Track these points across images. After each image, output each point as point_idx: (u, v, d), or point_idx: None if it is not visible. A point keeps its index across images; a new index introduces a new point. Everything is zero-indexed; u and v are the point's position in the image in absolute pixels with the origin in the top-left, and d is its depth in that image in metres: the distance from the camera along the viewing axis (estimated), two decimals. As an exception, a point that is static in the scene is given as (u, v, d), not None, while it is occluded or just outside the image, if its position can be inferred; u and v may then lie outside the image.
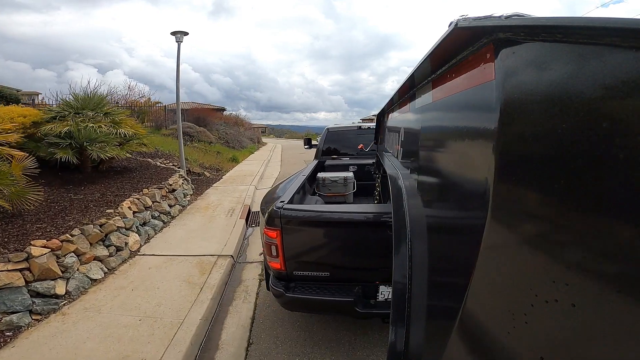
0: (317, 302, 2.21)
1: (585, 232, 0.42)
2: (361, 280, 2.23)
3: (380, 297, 2.18)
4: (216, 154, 12.34)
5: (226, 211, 5.65)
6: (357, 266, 2.27)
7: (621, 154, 0.36)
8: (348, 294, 2.15)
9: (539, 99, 0.50)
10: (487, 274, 0.63)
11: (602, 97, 0.39)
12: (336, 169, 4.98)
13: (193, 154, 10.42)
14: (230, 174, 9.79)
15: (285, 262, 2.20)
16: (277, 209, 2.16)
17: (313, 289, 2.22)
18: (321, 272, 2.23)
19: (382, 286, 2.17)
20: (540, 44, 0.50)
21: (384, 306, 2.14)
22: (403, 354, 1.04)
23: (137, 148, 6.59)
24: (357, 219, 2.16)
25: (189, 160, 9.45)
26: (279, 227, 2.14)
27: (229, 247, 4.19)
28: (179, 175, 6.49)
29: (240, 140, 19.24)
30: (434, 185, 1.19)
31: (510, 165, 0.57)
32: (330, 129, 5.68)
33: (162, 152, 9.16)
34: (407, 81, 1.59)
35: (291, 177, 3.70)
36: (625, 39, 0.36)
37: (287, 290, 2.21)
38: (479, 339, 0.69)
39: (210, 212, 5.65)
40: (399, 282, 1.18)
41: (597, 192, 0.40)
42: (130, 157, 7.37)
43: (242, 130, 23.49)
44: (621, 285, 0.38)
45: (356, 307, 2.11)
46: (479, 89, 0.72)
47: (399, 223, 1.39)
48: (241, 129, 24.23)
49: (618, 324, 0.38)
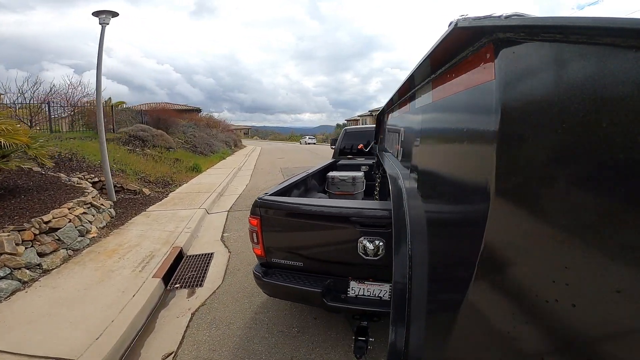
0: (288, 290, 2.28)
1: (585, 232, 0.43)
2: (333, 274, 2.24)
3: (351, 293, 2.17)
4: (173, 162, 10.25)
5: (139, 260, 3.66)
6: (328, 259, 2.30)
7: (621, 154, 0.37)
8: (317, 285, 2.18)
9: (539, 98, 0.51)
10: (488, 274, 0.62)
11: (602, 96, 0.39)
12: (348, 168, 4.96)
13: (137, 164, 8.32)
14: (181, 189, 7.75)
15: (265, 249, 2.33)
16: (258, 199, 2.30)
17: (287, 276, 2.30)
18: (296, 262, 2.31)
19: (353, 282, 2.18)
20: (540, 44, 0.51)
21: (354, 302, 2.14)
22: (403, 354, 1.02)
23: (16, 164, 4.51)
24: (327, 212, 2.17)
25: (126, 173, 7.36)
26: (259, 215, 2.27)
27: (102, 343, 2.24)
28: (81, 201, 4.44)
29: (212, 144, 17.11)
30: (434, 185, 1.19)
31: (511, 165, 0.57)
32: (348, 129, 5.96)
33: (91, 162, 7.04)
34: (407, 81, 1.62)
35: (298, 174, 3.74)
36: (625, 39, 0.36)
37: (264, 276, 2.31)
38: (479, 338, 0.69)
39: (114, 260, 3.64)
40: (399, 282, 1.17)
41: (597, 191, 0.40)
42: (34, 171, 5.29)
43: (216, 133, 21.33)
44: (621, 285, 0.38)
45: (324, 299, 2.13)
46: (479, 89, 0.72)
47: (399, 223, 1.39)
48: (214, 130, 22.06)
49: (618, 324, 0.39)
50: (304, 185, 3.65)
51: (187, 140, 15.65)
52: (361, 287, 2.14)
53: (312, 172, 3.97)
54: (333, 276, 2.23)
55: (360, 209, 2.14)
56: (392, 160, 2.62)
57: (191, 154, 13.40)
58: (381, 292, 2.09)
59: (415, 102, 1.63)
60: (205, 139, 17.07)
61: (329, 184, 4.30)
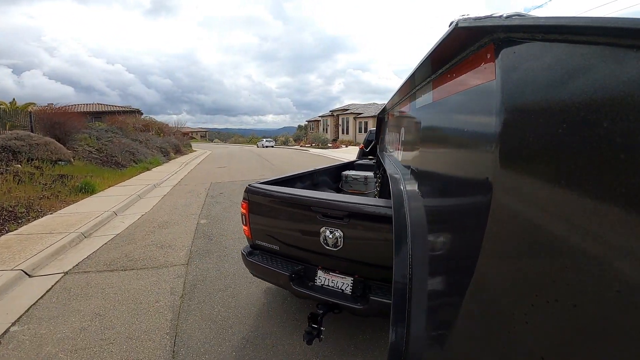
0: (263, 270, 2.44)
1: (585, 232, 0.42)
2: (305, 261, 2.34)
3: (318, 282, 2.23)
4: (51, 181, 7.56)
5: None
6: (298, 246, 2.37)
7: (622, 154, 0.37)
8: (287, 269, 2.30)
9: (539, 98, 0.51)
10: (488, 274, 0.63)
11: (602, 96, 0.39)
12: (365, 168, 5.01)
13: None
14: (30, 226, 5.20)
15: (251, 231, 2.56)
16: (248, 186, 2.53)
17: (266, 258, 2.48)
18: (273, 245, 2.47)
19: (320, 272, 2.24)
20: (540, 43, 0.51)
21: (320, 291, 2.18)
22: (403, 354, 1.02)
23: None
24: (295, 200, 2.26)
25: None
26: (247, 200, 2.50)
27: None
28: None
29: (138, 151, 14.25)
30: (434, 185, 1.19)
31: (511, 165, 0.57)
32: (373, 131, 5.96)
33: None
34: (407, 81, 1.64)
35: None
36: (626, 39, 0.37)
37: (248, 256, 2.54)
38: (479, 338, 0.69)
39: None
40: (399, 282, 1.17)
41: (597, 191, 0.40)
42: None
43: (149, 138, 18.33)
44: (621, 285, 0.38)
45: (291, 283, 2.22)
46: (479, 89, 0.73)
47: (400, 223, 1.38)
48: (148, 135, 19.04)
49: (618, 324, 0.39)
50: (309, 179, 3.85)
51: (101, 148, 12.72)
52: (327, 277, 2.21)
53: (320, 169, 4.17)
54: (305, 263, 2.34)
55: (319, 199, 2.15)
56: (392, 160, 2.67)
57: (97, 166, 10.58)
58: (343, 285, 2.13)
59: (416, 102, 1.65)
60: (129, 146, 14.18)
61: (343, 182, 4.50)
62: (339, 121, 39.38)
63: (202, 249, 4.34)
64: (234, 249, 4.28)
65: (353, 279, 2.10)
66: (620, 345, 0.39)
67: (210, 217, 5.89)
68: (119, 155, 12.65)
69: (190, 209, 6.53)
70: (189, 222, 5.64)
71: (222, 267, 3.75)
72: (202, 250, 4.31)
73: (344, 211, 2.00)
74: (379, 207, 1.92)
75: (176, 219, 5.87)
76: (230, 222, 5.54)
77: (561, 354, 0.47)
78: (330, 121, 42.27)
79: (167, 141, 20.18)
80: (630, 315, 0.37)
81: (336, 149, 27.71)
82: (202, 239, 4.75)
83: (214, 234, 4.95)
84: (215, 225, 5.40)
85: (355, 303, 2.00)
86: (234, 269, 3.69)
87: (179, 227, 5.37)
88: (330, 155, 21.10)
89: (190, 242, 4.64)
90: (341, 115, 39.07)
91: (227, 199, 7.36)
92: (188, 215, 6.05)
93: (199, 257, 4.06)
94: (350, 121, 36.68)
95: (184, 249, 4.37)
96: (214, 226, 5.33)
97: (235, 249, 4.27)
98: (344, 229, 2.00)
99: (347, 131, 37.59)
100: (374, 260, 2.02)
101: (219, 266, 3.78)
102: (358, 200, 2.10)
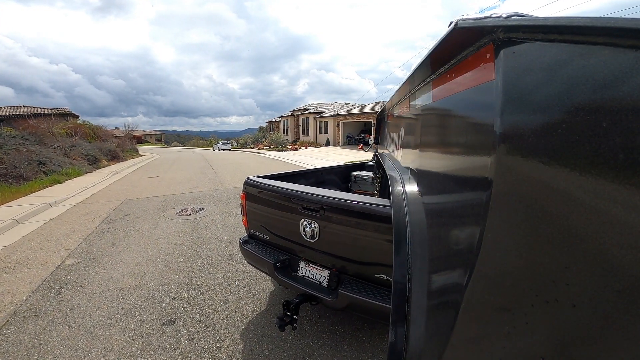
0: (253, 257, 2.64)
1: (585, 232, 0.42)
2: (290, 252, 2.48)
3: (300, 273, 2.35)
4: None
5: None
6: (283, 236, 2.49)
7: (621, 154, 0.37)
8: (272, 258, 2.46)
9: (539, 98, 0.50)
10: (487, 274, 0.63)
11: (602, 96, 0.39)
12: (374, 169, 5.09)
13: None
14: None
15: (248, 221, 2.79)
16: (247, 179, 2.77)
17: (256, 246, 2.69)
18: (264, 235, 2.67)
19: (303, 263, 2.35)
20: (540, 43, 0.51)
21: (301, 282, 2.29)
22: (403, 354, 1.01)
23: None
24: (279, 192, 2.38)
25: None
26: (245, 191, 2.75)
27: None
28: None
29: (52, 161, 12.28)
30: (434, 185, 1.19)
31: (511, 165, 0.57)
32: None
33: None
34: (407, 81, 1.63)
35: None
36: (625, 39, 0.37)
37: (244, 244, 2.77)
38: (479, 339, 0.69)
39: None
40: (399, 282, 1.16)
41: (597, 191, 0.40)
42: None
43: (78, 143, 16.19)
44: (621, 285, 0.38)
45: (275, 272, 2.37)
46: (479, 89, 0.73)
47: (400, 223, 1.38)
48: (75, 139, 16.87)
49: (618, 324, 0.39)
50: (313, 177, 4.05)
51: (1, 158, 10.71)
52: (308, 269, 2.31)
53: (327, 167, 4.46)
54: (290, 254, 2.47)
55: (298, 192, 2.26)
56: (392, 161, 2.67)
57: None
58: (321, 278, 2.21)
59: (415, 102, 1.64)
60: (40, 155, 12.18)
61: (351, 182, 4.59)
62: (300, 121, 38.39)
63: (35, 309, 3.16)
64: (85, 311, 3.12)
65: (330, 272, 2.18)
66: (620, 345, 0.39)
67: (85, 255, 4.59)
68: (22, 166, 10.73)
69: (66, 242, 5.18)
70: (50, 262, 4.35)
71: (45, 342, 2.59)
72: (33, 311, 3.13)
73: (318, 204, 2.11)
74: (351, 201, 1.98)
75: (36, 257, 4.55)
76: (109, 263, 4.27)
77: (561, 354, 0.48)
78: (291, 122, 41.16)
79: (98, 147, 17.96)
80: (631, 315, 0.38)
81: (294, 152, 26.58)
82: (46, 291, 3.53)
83: (70, 283, 3.73)
84: (84, 268, 4.14)
85: (328, 296, 2.08)
86: (59, 347, 2.55)
87: (29, 270, 4.09)
88: (287, 158, 20.04)
89: (26, 296, 3.43)
90: (301, 115, 38.10)
91: (128, 225, 6.03)
92: (55, 252, 4.73)
93: (18, 324, 2.89)
94: (311, 121, 35.83)
95: (8, 309, 3.16)
96: (81, 270, 4.08)
97: (91, 309, 3.12)
98: (319, 221, 2.12)
99: (307, 132, 36.70)
100: (348, 254, 2.07)
101: (37, 340, 2.63)
102: (332, 195, 2.14)
